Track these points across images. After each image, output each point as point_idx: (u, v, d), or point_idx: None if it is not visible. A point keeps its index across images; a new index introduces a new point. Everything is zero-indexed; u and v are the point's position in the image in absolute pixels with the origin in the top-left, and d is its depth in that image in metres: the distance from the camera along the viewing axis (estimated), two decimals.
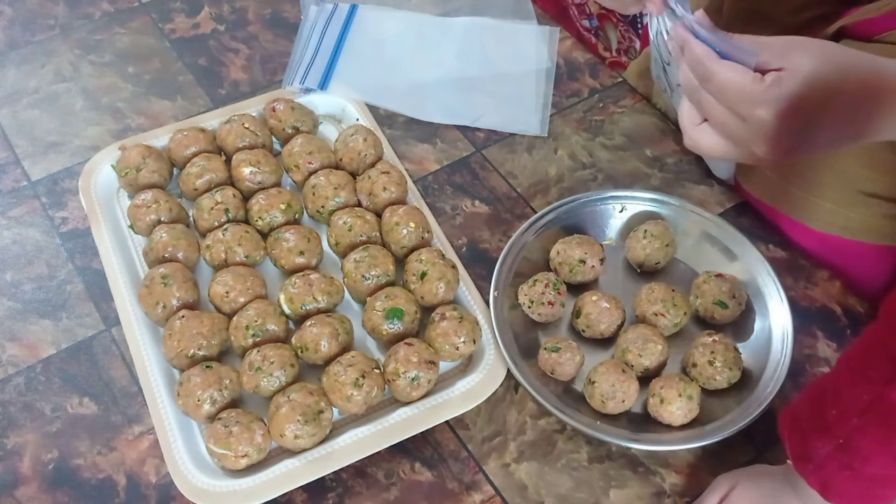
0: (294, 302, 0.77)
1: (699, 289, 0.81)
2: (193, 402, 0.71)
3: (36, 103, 1.00)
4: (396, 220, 0.82)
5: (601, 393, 0.74)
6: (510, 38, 1.08)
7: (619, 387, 0.74)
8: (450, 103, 1.00)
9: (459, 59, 1.05)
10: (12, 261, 0.87)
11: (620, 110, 1.01)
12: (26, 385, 0.78)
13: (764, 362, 0.78)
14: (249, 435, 0.69)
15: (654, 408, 0.75)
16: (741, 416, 0.74)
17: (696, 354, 0.77)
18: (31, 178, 0.93)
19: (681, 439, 0.74)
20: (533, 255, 0.85)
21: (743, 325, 0.82)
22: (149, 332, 0.78)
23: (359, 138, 0.89)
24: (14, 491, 0.72)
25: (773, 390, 0.75)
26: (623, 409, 0.75)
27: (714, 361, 0.76)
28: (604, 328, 0.79)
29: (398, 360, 0.73)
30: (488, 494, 0.73)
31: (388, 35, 1.07)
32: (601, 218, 0.88)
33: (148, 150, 0.87)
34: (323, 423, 0.71)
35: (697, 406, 0.75)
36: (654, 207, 0.88)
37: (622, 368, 0.75)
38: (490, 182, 0.94)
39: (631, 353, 0.77)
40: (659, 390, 0.74)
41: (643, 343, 0.77)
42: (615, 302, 0.80)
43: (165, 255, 0.80)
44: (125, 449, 0.75)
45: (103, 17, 1.09)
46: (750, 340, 0.81)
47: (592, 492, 0.73)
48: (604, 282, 0.86)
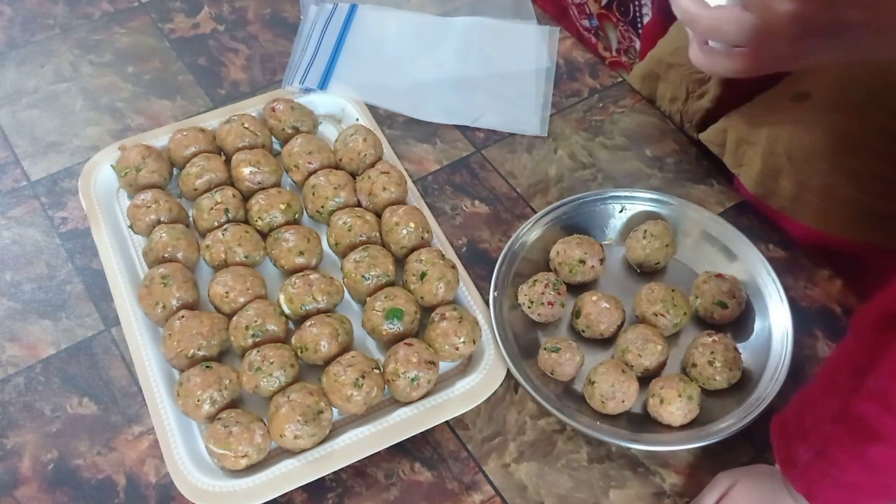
0: (294, 302, 0.77)
1: (699, 289, 0.81)
2: (193, 403, 0.71)
3: (35, 103, 1.00)
4: (396, 220, 0.82)
5: (601, 393, 0.74)
6: (510, 38, 1.08)
7: (619, 387, 0.74)
8: (449, 103, 1.00)
9: (459, 58, 1.05)
10: (12, 261, 0.87)
11: (620, 110, 1.01)
12: (26, 385, 0.78)
13: (764, 362, 0.78)
14: (249, 435, 0.69)
15: (653, 408, 0.75)
16: (741, 417, 0.74)
17: (696, 354, 0.77)
18: (30, 178, 0.93)
19: (681, 440, 0.74)
20: (533, 255, 0.85)
21: (743, 325, 0.82)
22: (149, 332, 0.78)
23: (358, 138, 0.89)
24: (14, 491, 0.72)
25: (773, 390, 0.75)
26: (623, 409, 0.75)
27: (714, 361, 0.76)
28: (604, 328, 0.79)
29: (398, 361, 0.73)
30: (488, 494, 0.73)
31: (388, 35, 1.07)
32: (601, 218, 0.88)
33: (147, 150, 0.87)
34: (323, 424, 0.71)
35: (697, 406, 0.75)
36: (653, 207, 0.88)
37: (622, 369, 0.75)
38: (490, 182, 0.94)
39: (631, 354, 0.77)
40: (659, 390, 0.74)
41: (643, 343, 0.77)
42: (615, 302, 0.80)
43: (165, 255, 0.80)
44: (125, 449, 0.75)
45: (103, 16, 1.09)
46: (750, 340, 0.81)
47: (592, 492, 0.73)
48: (604, 282, 0.86)
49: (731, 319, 0.81)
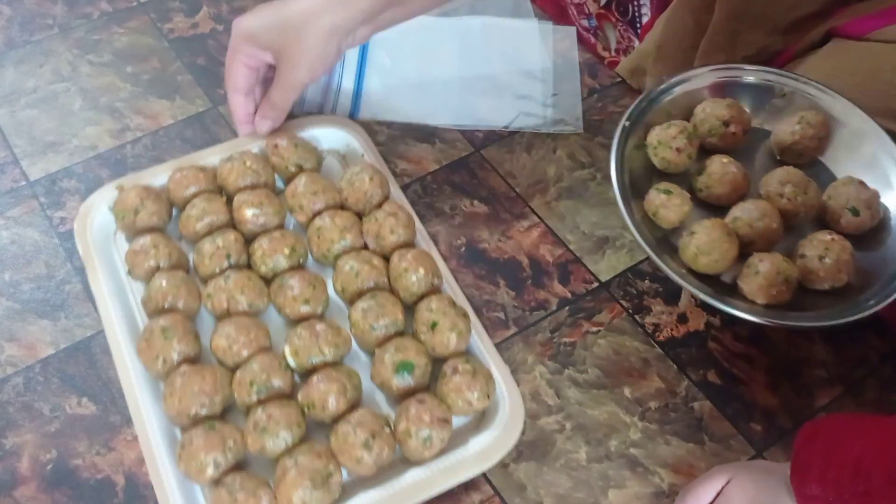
0: (300, 355, 0.74)
1: (836, 189, 0.75)
2: (197, 466, 0.68)
3: (34, 103, 1.00)
4: (405, 265, 0.79)
5: (697, 245, 0.69)
6: (516, 37, 1.08)
7: (719, 245, 0.69)
8: (457, 106, 1.00)
9: (459, 58, 1.05)
10: (10, 261, 0.87)
11: (619, 110, 1.01)
12: (25, 385, 0.78)
13: (874, 282, 0.72)
14: (255, 501, 0.66)
15: (745, 279, 0.69)
16: (825, 317, 0.69)
17: (808, 246, 0.71)
18: (29, 177, 0.93)
19: (761, 313, 0.69)
20: (676, 108, 0.80)
21: (868, 240, 0.75)
22: (148, 386, 0.75)
23: (365, 178, 0.86)
24: (13, 491, 0.72)
25: (873, 307, 0.70)
26: (715, 270, 0.70)
27: (825, 257, 0.70)
28: (722, 192, 0.74)
29: (409, 419, 0.70)
30: (487, 494, 0.73)
31: (386, 37, 1.07)
32: (759, 96, 0.83)
33: (146, 192, 0.84)
34: (332, 488, 0.68)
35: (790, 293, 0.69)
36: (820, 102, 0.80)
37: (727, 231, 0.70)
38: (489, 182, 0.94)
39: (741, 222, 0.71)
40: (757, 263, 0.69)
41: (759, 216, 0.71)
42: (744, 173, 0.74)
43: (165, 304, 0.77)
44: (124, 449, 0.75)
45: (102, 16, 1.09)
46: (868, 254, 0.74)
47: (591, 492, 0.73)
48: (737, 157, 0.80)
49: (859, 231, 0.74)
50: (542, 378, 0.79)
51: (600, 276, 0.86)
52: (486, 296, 0.84)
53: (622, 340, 0.82)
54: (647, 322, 0.83)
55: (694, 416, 0.77)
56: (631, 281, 0.86)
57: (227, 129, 0.98)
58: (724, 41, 0.93)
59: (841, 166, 0.80)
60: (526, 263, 0.88)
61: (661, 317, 0.83)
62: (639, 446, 0.76)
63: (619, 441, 0.76)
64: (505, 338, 0.82)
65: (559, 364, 0.80)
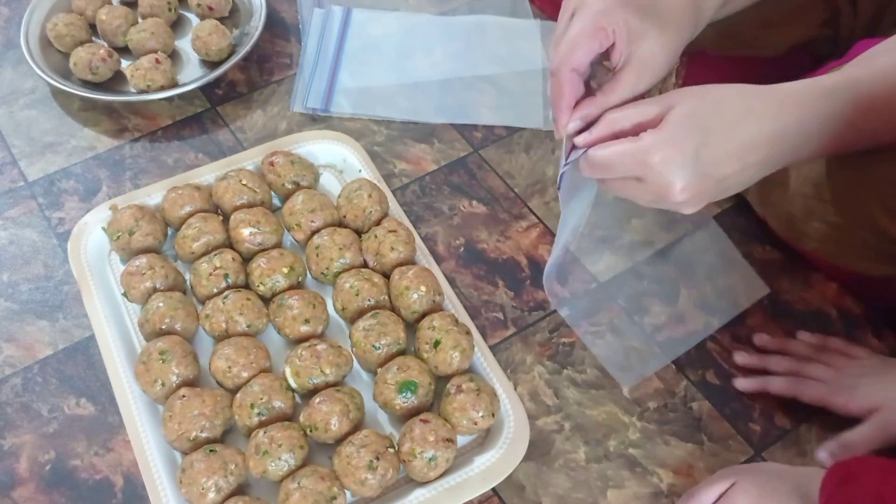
0: (301, 376, 0.73)
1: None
2: (198, 491, 0.67)
3: (33, 103, 1.00)
4: (406, 283, 0.78)
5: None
6: (512, 36, 1.08)
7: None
8: (455, 104, 1.00)
9: (459, 58, 1.05)
10: (9, 261, 0.86)
11: None
12: (23, 386, 0.78)
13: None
14: None
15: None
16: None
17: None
18: (27, 178, 0.93)
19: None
20: None
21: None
22: (147, 410, 0.74)
23: (363, 194, 0.85)
24: (11, 492, 0.72)
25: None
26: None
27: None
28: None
29: (414, 440, 0.69)
30: (486, 495, 0.73)
31: (386, 37, 1.07)
32: None
33: (140, 212, 0.83)
34: None
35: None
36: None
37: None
38: (487, 182, 0.94)
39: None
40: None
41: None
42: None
43: (162, 326, 0.76)
44: (122, 450, 0.75)
45: None
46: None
47: (590, 492, 0.73)
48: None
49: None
50: (540, 378, 0.79)
51: (599, 277, 0.86)
52: (485, 296, 0.85)
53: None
54: (646, 322, 0.83)
55: (693, 417, 0.77)
56: (629, 281, 0.86)
57: (225, 130, 0.98)
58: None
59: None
60: (525, 263, 0.88)
61: (659, 317, 0.83)
62: (637, 446, 0.76)
63: (617, 441, 0.76)
64: (504, 338, 0.82)
65: (558, 364, 0.80)
